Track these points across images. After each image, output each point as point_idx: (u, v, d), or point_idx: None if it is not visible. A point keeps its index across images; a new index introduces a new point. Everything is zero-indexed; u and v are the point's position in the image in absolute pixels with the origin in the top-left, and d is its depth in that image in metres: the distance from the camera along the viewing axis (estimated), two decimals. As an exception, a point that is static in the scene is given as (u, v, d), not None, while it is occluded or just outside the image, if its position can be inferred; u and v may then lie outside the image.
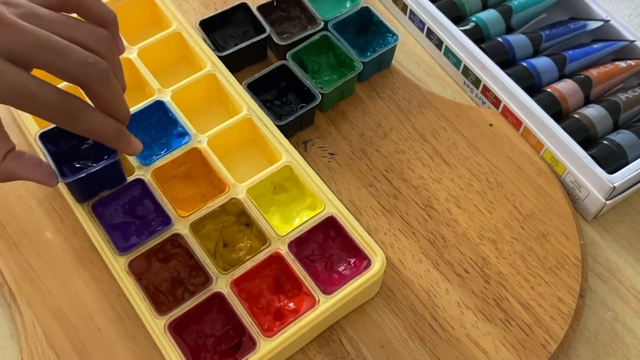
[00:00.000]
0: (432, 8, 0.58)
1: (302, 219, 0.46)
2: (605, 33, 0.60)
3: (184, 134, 0.50)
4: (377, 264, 0.44)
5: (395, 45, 0.57)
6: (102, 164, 0.44)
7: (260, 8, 0.57)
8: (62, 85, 0.45)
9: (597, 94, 0.56)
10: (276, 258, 0.45)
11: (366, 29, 0.59)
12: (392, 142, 0.54)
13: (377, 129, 0.55)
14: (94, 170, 0.44)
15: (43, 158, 0.45)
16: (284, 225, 0.47)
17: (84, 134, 0.37)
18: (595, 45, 0.58)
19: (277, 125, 0.50)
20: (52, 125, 0.45)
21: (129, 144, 0.40)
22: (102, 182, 0.46)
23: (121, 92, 0.38)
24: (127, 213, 0.47)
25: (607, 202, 0.50)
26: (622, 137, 0.52)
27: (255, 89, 0.53)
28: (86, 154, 0.46)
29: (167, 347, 0.41)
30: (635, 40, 0.58)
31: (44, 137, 0.45)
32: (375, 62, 0.56)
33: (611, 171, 0.50)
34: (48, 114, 0.35)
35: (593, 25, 0.60)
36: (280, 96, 0.55)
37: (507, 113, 0.55)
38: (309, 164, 0.49)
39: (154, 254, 0.45)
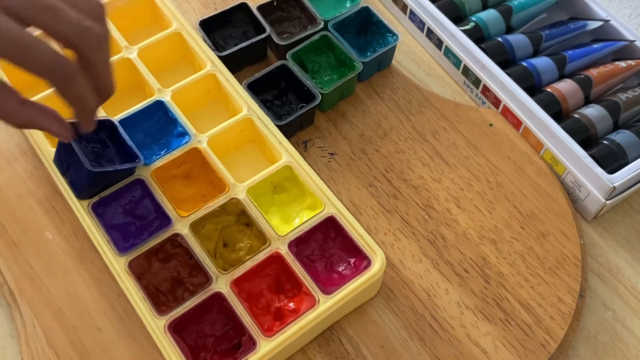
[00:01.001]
0: (432, 8, 0.58)
1: (302, 219, 0.46)
2: (605, 33, 0.60)
3: (184, 134, 0.50)
4: (377, 264, 0.44)
5: (395, 45, 0.57)
6: (127, 165, 0.46)
7: (260, 8, 0.57)
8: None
9: (597, 93, 0.56)
10: (276, 258, 0.45)
11: (366, 28, 0.59)
12: (392, 142, 0.54)
13: (377, 129, 0.55)
14: (119, 168, 0.45)
15: (62, 176, 0.46)
16: (284, 225, 0.47)
17: (66, 98, 0.37)
18: (595, 45, 0.58)
19: (277, 125, 0.50)
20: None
21: (91, 122, 0.40)
22: (114, 180, 0.47)
23: (111, 64, 0.38)
24: (127, 213, 0.47)
25: (607, 202, 0.50)
26: (622, 137, 0.52)
27: (255, 89, 0.53)
28: (96, 157, 0.47)
29: (167, 347, 0.41)
30: (635, 40, 0.58)
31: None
32: (375, 62, 0.56)
33: (611, 171, 0.50)
34: (39, 69, 0.35)
35: (593, 25, 0.60)
36: (280, 96, 0.55)
37: (507, 113, 0.55)
38: (309, 164, 0.49)
39: (154, 254, 0.45)
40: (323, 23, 0.56)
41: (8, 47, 0.33)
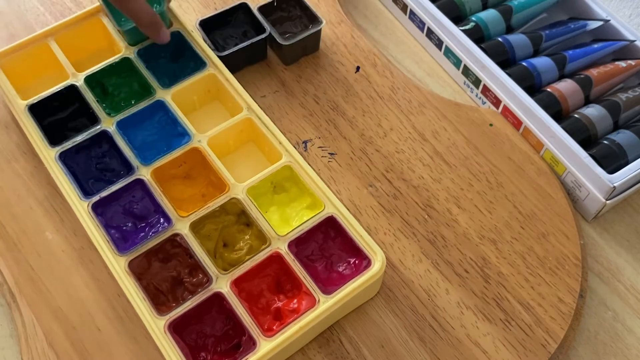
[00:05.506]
0: (432, 8, 0.58)
1: (302, 219, 0.46)
2: (605, 33, 0.60)
3: (184, 133, 0.50)
4: (377, 264, 0.44)
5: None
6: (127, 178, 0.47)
7: (261, 9, 0.57)
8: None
9: (597, 93, 0.56)
10: (276, 258, 0.45)
11: None
12: (392, 142, 0.54)
13: (377, 129, 0.55)
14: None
15: (62, 176, 0.47)
16: (284, 225, 0.47)
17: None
18: (595, 45, 0.58)
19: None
20: (70, 145, 0.49)
21: (158, 33, 0.51)
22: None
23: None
24: (127, 213, 0.47)
25: (607, 202, 0.50)
26: (622, 137, 0.52)
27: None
28: (102, 173, 0.49)
29: (167, 347, 0.41)
30: (635, 40, 0.58)
31: (63, 156, 0.48)
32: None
33: (611, 171, 0.50)
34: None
35: (593, 25, 0.60)
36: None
37: (507, 113, 0.55)
38: (309, 164, 0.49)
39: (154, 254, 0.45)
40: (324, 21, 0.56)
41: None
